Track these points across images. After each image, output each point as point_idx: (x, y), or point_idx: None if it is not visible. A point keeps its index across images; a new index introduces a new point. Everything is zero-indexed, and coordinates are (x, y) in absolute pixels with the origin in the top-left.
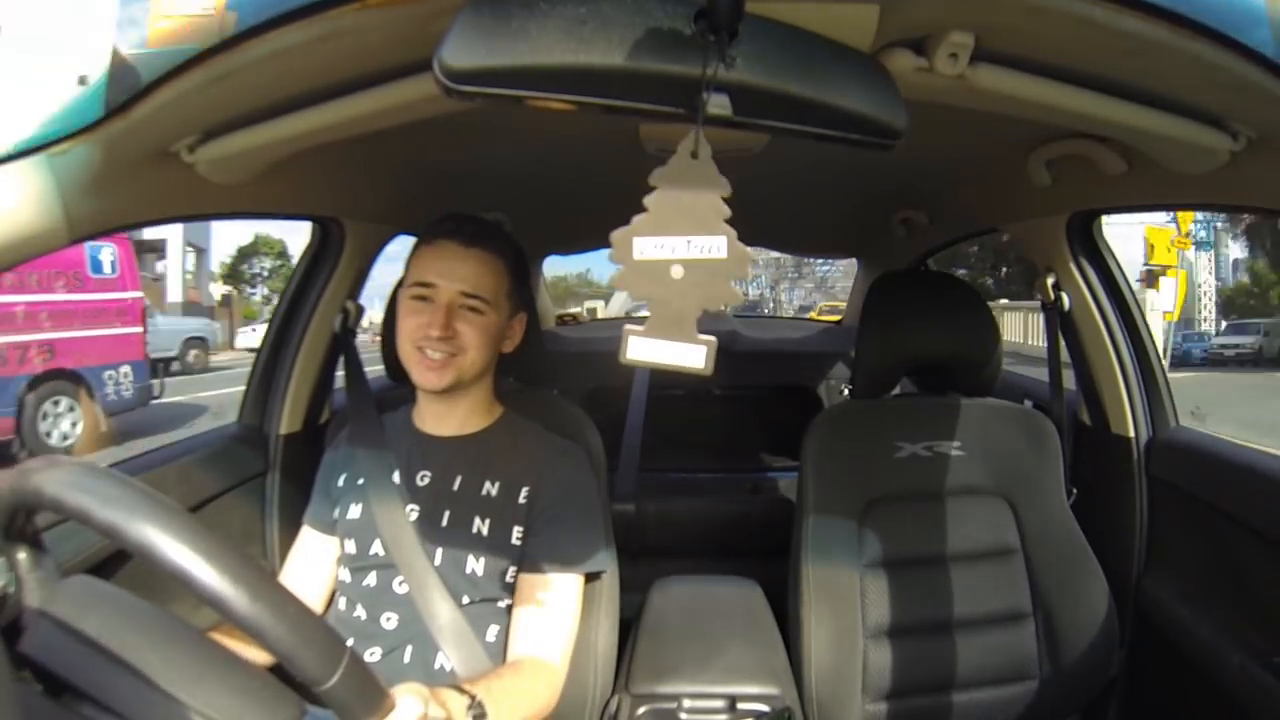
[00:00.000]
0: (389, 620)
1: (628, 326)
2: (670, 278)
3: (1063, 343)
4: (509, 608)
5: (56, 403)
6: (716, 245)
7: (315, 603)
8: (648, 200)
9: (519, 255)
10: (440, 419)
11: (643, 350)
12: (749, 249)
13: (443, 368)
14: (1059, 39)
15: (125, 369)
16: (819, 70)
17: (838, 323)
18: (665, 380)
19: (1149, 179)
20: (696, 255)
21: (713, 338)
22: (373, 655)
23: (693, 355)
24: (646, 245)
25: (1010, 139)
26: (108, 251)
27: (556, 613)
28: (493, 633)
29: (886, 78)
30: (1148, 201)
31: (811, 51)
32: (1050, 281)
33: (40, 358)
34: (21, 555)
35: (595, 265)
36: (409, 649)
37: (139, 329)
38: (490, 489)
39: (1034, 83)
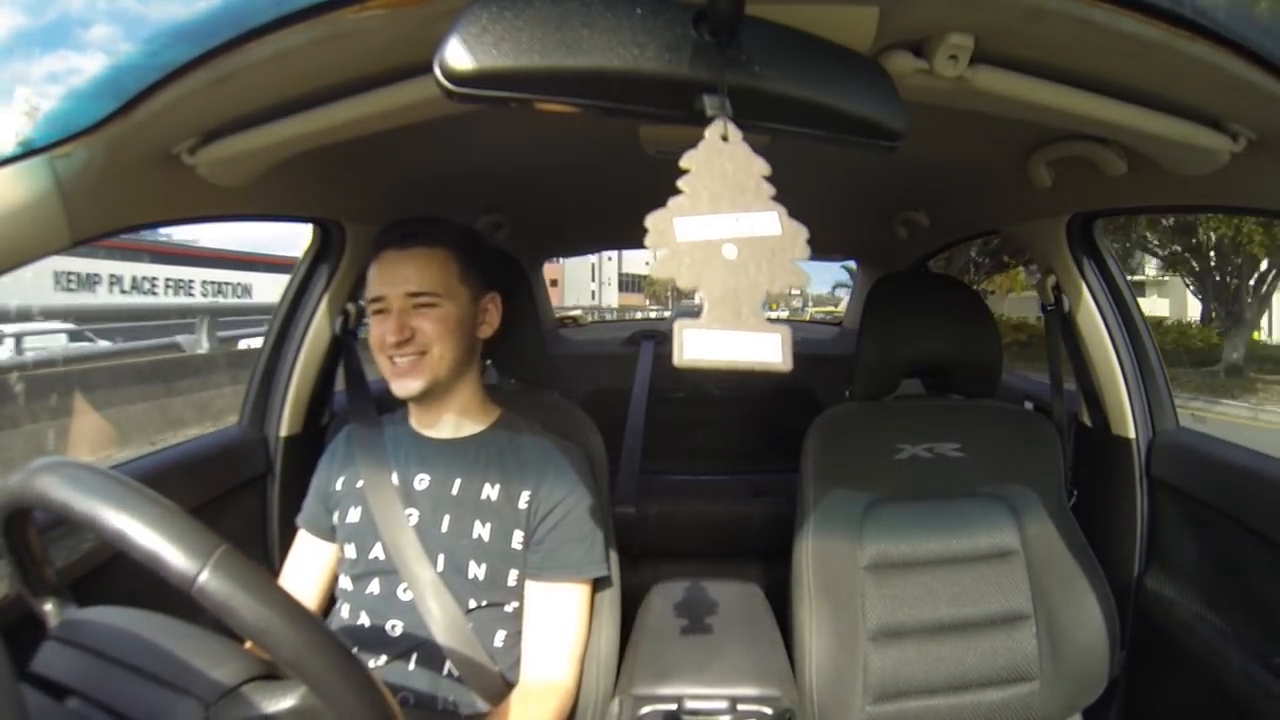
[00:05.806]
0: (394, 628)
1: (680, 321)
2: (724, 258)
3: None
4: (515, 611)
5: None
6: (768, 221)
7: (314, 607)
8: (682, 183)
9: (465, 237)
10: (431, 421)
11: (703, 347)
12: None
13: (412, 371)
14: (1058, 41)
15: None
16: (819, 72)
17: (838, 324)
18: (666, 382)
19: (1149, 180)
20: (748, 233)
21: (785, 326)
22: (379, 663)
23: (765, 347)
24: (690, 225)
25: (1010, 140)
26: None
27: (565, 624)
28: (500, 637)
29: (886, 79)
30: (1148, 203)
31: (811, 53)
32: (1050, 283)
33: None
34: (49, 607)
35: None
36: (414, 656)
37: None
38: (490, 492)
39: (1033, 84)
